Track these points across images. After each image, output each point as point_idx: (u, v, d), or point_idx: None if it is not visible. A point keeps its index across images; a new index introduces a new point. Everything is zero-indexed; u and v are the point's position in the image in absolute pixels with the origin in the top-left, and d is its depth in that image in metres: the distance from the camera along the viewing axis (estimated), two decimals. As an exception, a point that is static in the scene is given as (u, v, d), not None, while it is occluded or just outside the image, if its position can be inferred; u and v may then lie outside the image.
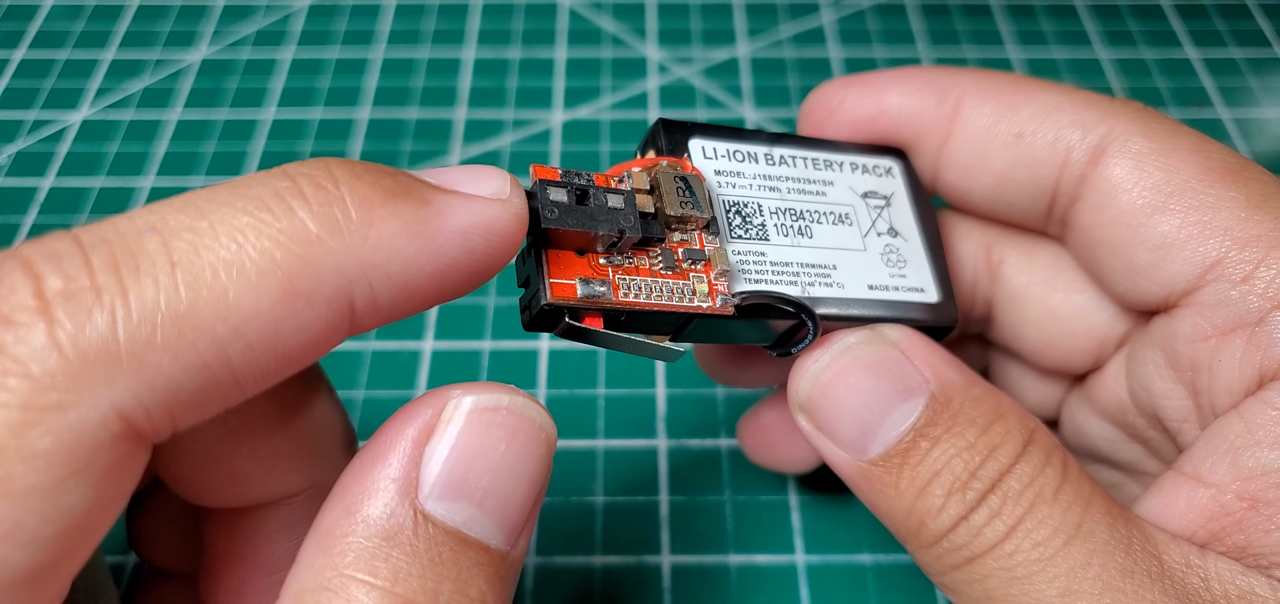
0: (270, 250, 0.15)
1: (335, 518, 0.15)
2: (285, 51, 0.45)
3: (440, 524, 0.15)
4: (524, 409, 0.17)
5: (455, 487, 0.16)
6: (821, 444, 0.21)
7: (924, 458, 0.19)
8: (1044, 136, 0.22)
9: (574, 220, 0.18)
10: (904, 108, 0.23)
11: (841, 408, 0.20)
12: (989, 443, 0.19)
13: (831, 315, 0.21)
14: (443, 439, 0.16)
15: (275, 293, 0.14)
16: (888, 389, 0.20)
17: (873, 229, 0.22)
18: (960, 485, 0.18)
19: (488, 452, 0.16)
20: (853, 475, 0.20)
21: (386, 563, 0.15)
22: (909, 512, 0.19)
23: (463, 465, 0.16)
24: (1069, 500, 0.18)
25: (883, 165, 0.24)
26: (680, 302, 0.19)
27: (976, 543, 0.18)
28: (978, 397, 0.20)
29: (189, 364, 0.14)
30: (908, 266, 0.22)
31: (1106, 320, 0.23)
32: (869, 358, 0.20)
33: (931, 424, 0.19)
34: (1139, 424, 0.23)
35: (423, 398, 0.17)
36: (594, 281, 0.18)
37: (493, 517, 0.16)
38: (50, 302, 0.13)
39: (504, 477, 0.16)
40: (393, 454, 0.16)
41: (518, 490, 0.17)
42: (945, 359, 0.20)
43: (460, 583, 0.15)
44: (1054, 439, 0.19)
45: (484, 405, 0.16)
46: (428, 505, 0.15)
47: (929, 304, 0.22)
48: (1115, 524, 0.18)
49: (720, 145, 0.22)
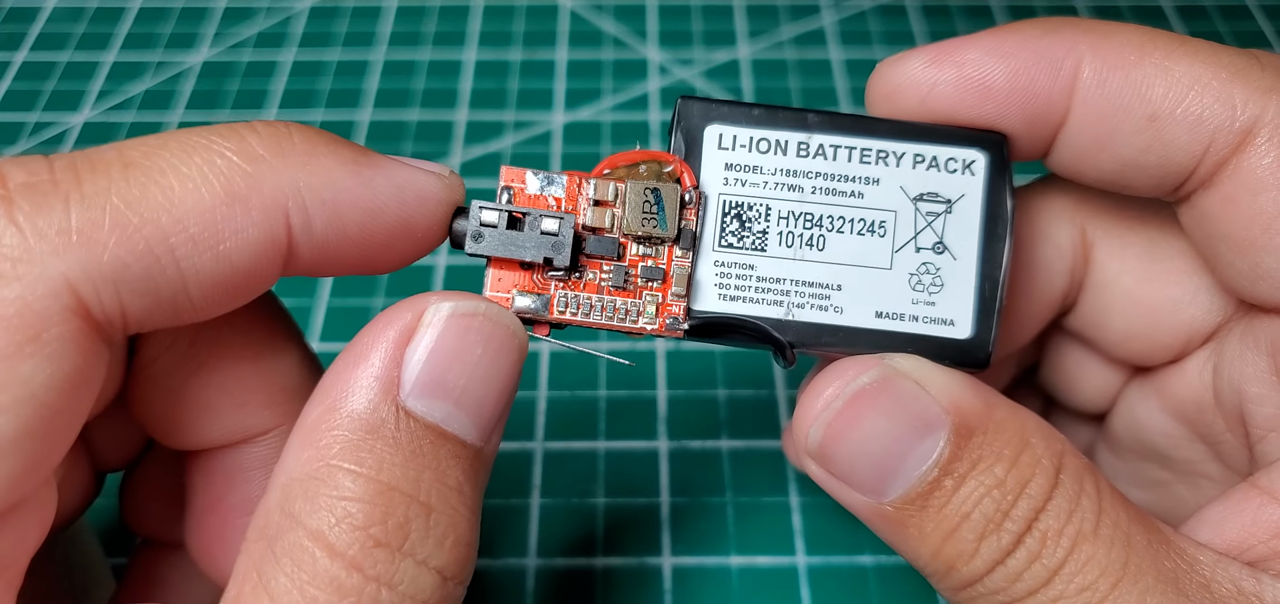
0: (216, 160, 0.16)
1: (320, 414, 0.16)
2: (286, 53, 0.46)
3: (421, 419, 0.17)
4: (499, 316, 0.18)
5: (434, 385, 0.17)
6: (837, 489, 0.20)
7: (950, 498, 0.18)
8: (1184, 119, 0.18)
9: (500, 245, 0.19)
10: (1012, 89, 0.19)
11: (856, 453, 0.19)
12: (1020, 477, 0.18)
13: (816, 342, 0.20)
14: (422, 341, 0.17)
15: (217, 193, 0.16)
16: (905, 427, 0.18)
17: (913, 242, 0.20)
18: (994, 527, 0.17)
19: (464, 354, 0.17)
20: (873, 518, 0.19)
21: (371, 453, 0.16)
22: (936, 554, 0.18)
23: (441, 366, 0.17)
24: (1110, 534, 0.17)
25: (965, 158, 0.20)
26: (623, 321, 0.19)
27: (1016, 588, 0.17)
28: (1001, 422, 0.18)
29: (135, 247, 0.15)
30: (942, 291, 0.20)
31: (1199, 315, 0.22)
32: (882, 394, 0.19)
33: (955, 459, 0.18)
34: (1214, 425, 0.22)
35: (403, 303, 0.17)
36: (531, 295, 0.19)
37: (469, 414, 0.17)
38: (11, 191, 0.15)
39: (479, 378, 0.17)
40: (375, 354, 0.17)
41: (491, 391, 0.18)
42: (962, 384, 0.19)
43: (439, 473, 0.17)
44: (1082, 459, 0.18)
45: (462, 311, 0.17)
46: (409, 402, 0.17)
47: (952, 341, 0.20)
48: (1160, 557, 0.17)
49: (743, 133, 0.20)
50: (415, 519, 0.16)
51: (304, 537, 0.15)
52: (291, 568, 0.15)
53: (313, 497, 0.16)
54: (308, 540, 0.15)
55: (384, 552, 0.16)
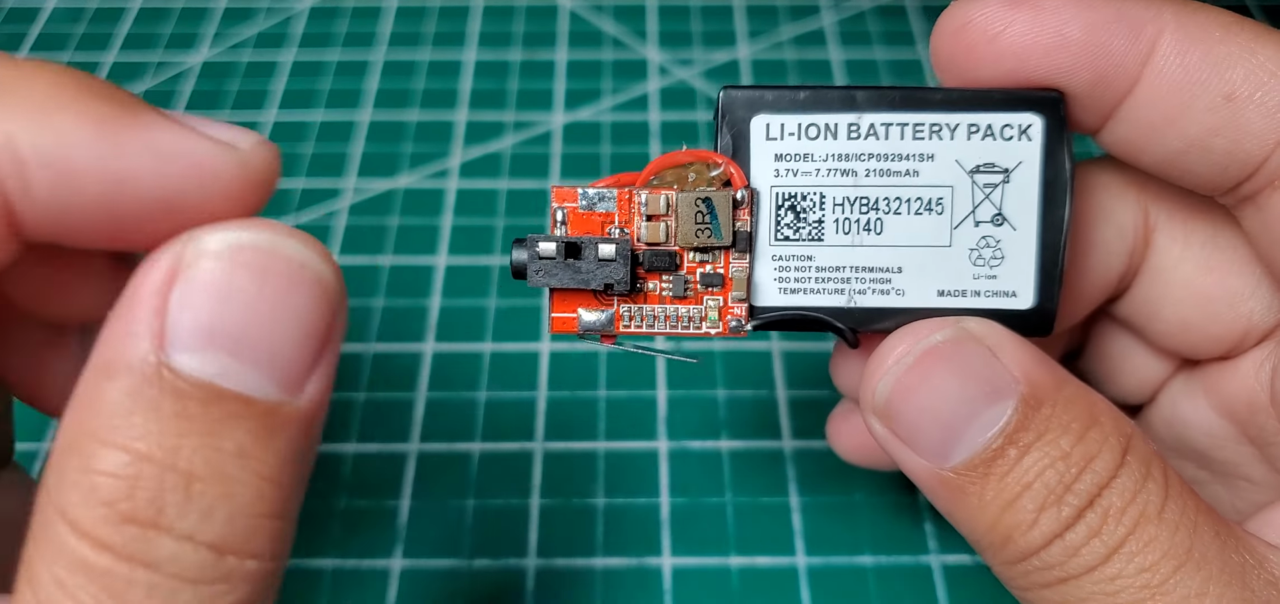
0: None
1: (87, 378, 0.15)
2: (286, 54, 0.46)
3: (187, 377, 0.14)
4: (276, 246, 0.15)
5: (203, 335, 0.14)
6: (898, 451, 0.19)
7: (1013, 467, 0.17)
8: (1262, 103, 0.18)
9: (561, 277, 0.19)
10: (1088, 45, 0.18)
11: (923, 412, 0.18)
12: (1085, 452, 0.17)
13: (881, 326, 0.20)
14: (185, 285, 0.15)
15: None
16: (975, 390, 0.18)
17: (971, 216, 0.20)
18: (1054, 499, 0.17)
19: (236, 294, 0.15)
20: (931, 483, 0.19)
21: (126, 422, 0.14)
22: (994, 525, 0.18)
23: (207, 312, 0.14)
24: (1176, 520, 0.17)
25: (1021, 123, 0.19)
26: (687, 328, 0.20)
27: (1073, 563, 0.17)
28: (1070, 398, 0.18)
29: None
30: (1003, 264, 0.20)
31: (1260, 310, 0.21)
32: (954, 356, 0.18)
33: (1021, 429, 0.17)
34: (1268, 427, 0.21)
35: (170, 243, 0.15)
36: (595, 312, 0.19)
37: (255, 366, 0.15)
38: None
39: (263, 321, 0.15)
40: (139, 307, 0.15)
41: (283, 334, 0.15)
42: (1034, 356, 0.18)
43: (210, 437, 0.14)
44: (1151, 446, 0.18)
45: (228, 244, 0.15)
46: (174, 358, 0.14)
47: (1016, 312, 0.20)
48: (1227, 549, 0.17)
49: (791, 120, 0.19)
50: (171, 491, 0.14)
51: (53, 515, 0.14)
52: (46, 550, 0.14)
53: (62, 471, 0.14)
54: (56, 518, 0.14)
55: (134, 528, 0.14)
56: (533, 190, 0.40)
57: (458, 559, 0.29)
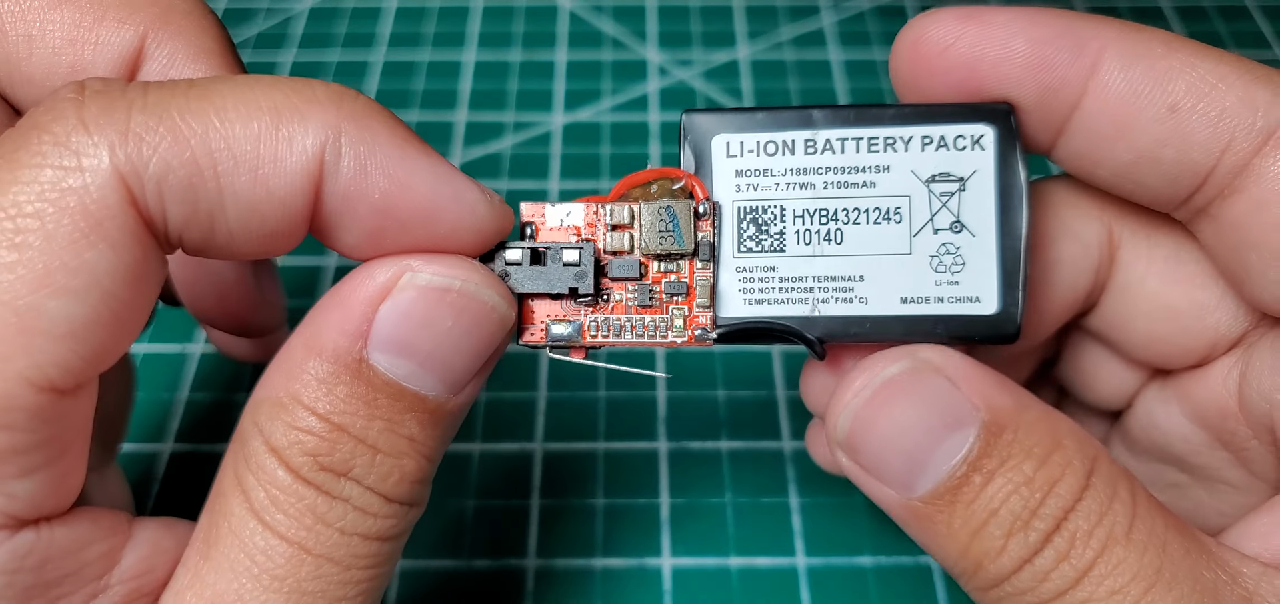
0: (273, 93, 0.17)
1: (296, 345, 0.18)
2: (286, 54, 0.46)
3: (381, 375, 0.18)
4: (476, 291, 0.18)
5: (399, 346, 0.18)
6: (865, 482, 0.20)
7: (978, 494, 0.18)
8: (1205, 113, 0.18)
9: (527, 281, 0.20)
10: (1032, 58, 0.20)
11: (885, 443, 0.19)
12: (1049, 476, 0.17)
13: (845, 335, 0.20)
14: (394, 305, 0.18)
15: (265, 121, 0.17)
16: (935, 420, 0.18)
17: (929, 225, 0.20)
18: (1022, 524, 0.17)
19: (434, 324, 0.18)
20: (901, 514, 0.19)
21: (329, 395, 0.17)
22: (964, 552, 0.18)
23: (407, 331, 0.18)
24: (1145, 540, 0.17)
25: (973, 134, 0.20)
26: (652, 337, 0.20)
27: (1044, 588, 0.17)
28: (1033, 422, 0.18)
29: (181, 153, 0.16)
30: (964, 270, 0.20)
31: (1226, 320, 0.21)
32: (911, 386, 0.19)
33: (984, 456, 0.18)
34: (1239, 432, 0.22)
35: (387, 260, 0.18)
36: (564, 323, 0.20)
37: (434, 373, 0.18)
38: (86, 97, 0.16)
39: (448, 346, 0.18)
40: (351, 305, 0.18)
41: (462, 356, 0.18)
42: (994, 381, 0.19)
43: (392, 423, 0.18)
44: (1118, 466, 0.18)
45: (436, 284, 0.18)
46: (373, 356, 0.18)
47: (982, 317, 0.20)
48: (1198, 566, 0.17)
49: (750, 138, 0.20)
50: (359, 457, 0.18)
51: (262, 446, 0.17)
52: (259, 475, 0.17)
53: (274, 418, 0.18)
54: (266, 451, 0.17)
55: (329, 475, 0.17)
56: (533, 191, 0.40)
57: (458, 559, 0.29)
